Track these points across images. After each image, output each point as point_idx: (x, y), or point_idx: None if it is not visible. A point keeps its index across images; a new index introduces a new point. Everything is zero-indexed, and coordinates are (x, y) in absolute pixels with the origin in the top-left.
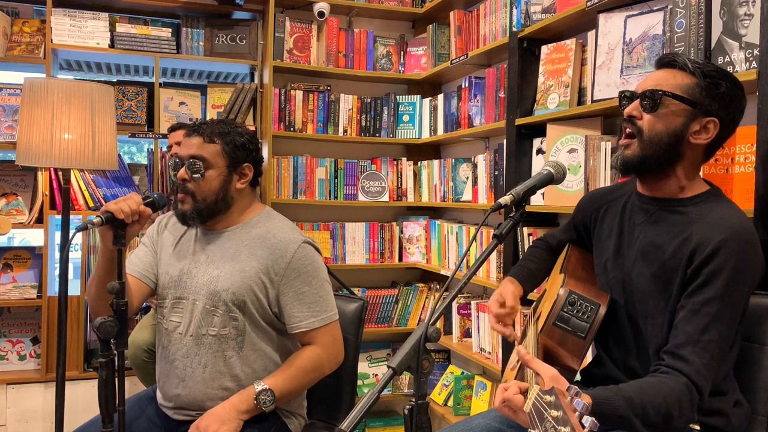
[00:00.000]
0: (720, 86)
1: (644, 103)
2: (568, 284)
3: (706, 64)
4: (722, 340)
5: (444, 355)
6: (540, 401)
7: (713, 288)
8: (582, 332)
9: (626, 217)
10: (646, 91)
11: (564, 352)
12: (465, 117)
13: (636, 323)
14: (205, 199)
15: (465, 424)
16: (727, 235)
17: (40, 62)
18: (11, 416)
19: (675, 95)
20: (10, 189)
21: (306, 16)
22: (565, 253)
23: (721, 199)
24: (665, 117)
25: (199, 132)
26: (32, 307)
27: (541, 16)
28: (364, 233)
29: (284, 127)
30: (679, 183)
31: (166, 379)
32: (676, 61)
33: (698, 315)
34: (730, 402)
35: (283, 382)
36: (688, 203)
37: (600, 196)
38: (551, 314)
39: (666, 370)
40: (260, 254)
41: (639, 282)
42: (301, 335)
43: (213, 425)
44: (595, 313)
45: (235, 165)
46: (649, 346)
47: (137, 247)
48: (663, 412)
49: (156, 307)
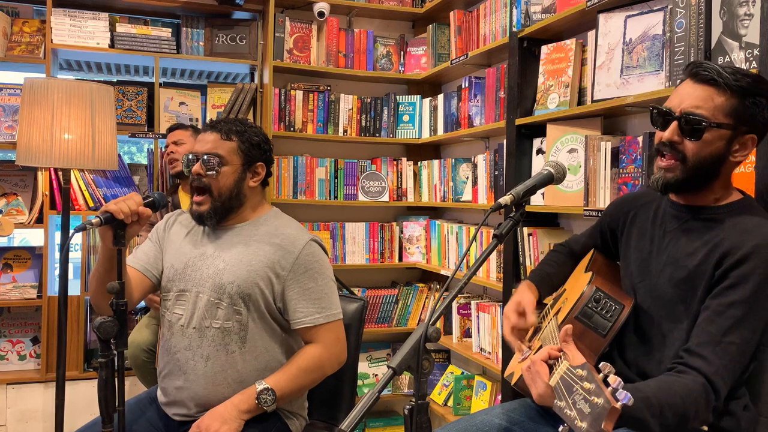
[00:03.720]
0: (761, 103)
1: (686, 128)
2: (595, 282)
3: (745, 80)
4: (744, 344)
5: (444, 355)
6: (571, 374)
7: (740, 291)
8: (603, 330)
9: (657, 223)
10: (686, 114)
11: (582, 347)
12: (465, 117)
13: (660, 328)
14: (220, 195)
15: (468, 421)
16: (760, 241)
17: (40, 62)
18: (11, 416)
19: (721, 124)
20: (10, 189)
21: (306, 16)
22: (591, 256)
23: (753, 208)
24: (709, 143)
25: (216, 129)
26: (32, 307)
27: (541, 16)
28: (364, 233)
29: (284, 127)
30: (715, 195)
31: (168, 373)
32: (716, 79)
33: (722, 316)
34: (741, 405)
35: (284, 382)
36: (721, 211)
37: (630, 201)
38: (575, 308)
39: (683, 369)
40: (267, 249)
41: (666, 288)
42: (305, 332)
43: (214, 424)
44: (618, 313)
45: (249, 163)
46: (670, 351)
47: (143, 242)
48: (680, 413)
49: (161, 301)
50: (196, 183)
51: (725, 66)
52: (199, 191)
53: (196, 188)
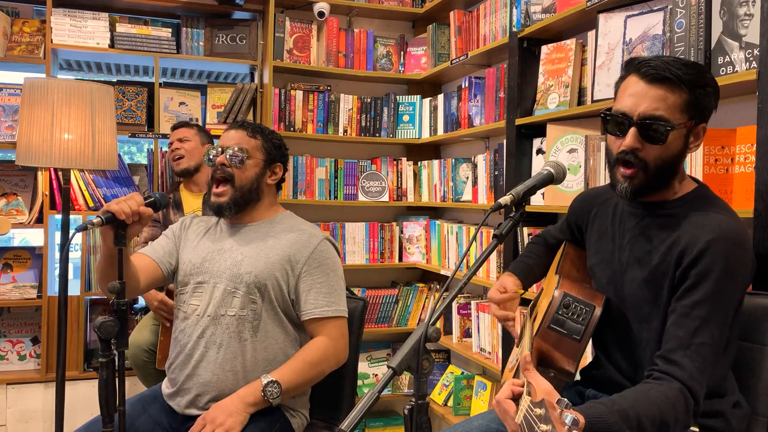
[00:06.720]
0: (708, 92)
1: (647, 133)
2: (562, 286)
3: (688, 69)
4: (714, 343)
5: (444, 355)
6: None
7: (702, 290)
8: (577, 335)
9: (616, 222)
10: (646, 119)
11: (560, 356)
12: (465, 117)
13: (631, 328)
14: (242, 186)
15: (465, 425)
16: (713, 236)
17: (40, 62)
18: (11, 416)
19: (680, 124)
20: (10, 189)
21: (306, 16)
22: (561, 252)
23: (708, 198)
24: (670, 145)
25: (243, 127)
26: (32, 307)
27: (541, 16)
28: (364, 233)
29: (284, 127)
30: (674, 189)
31: (178, 363)
32: (669, 77)
33: (688, 318)
34: (729, 403)
35: (290, 375)
36: (675, 205)
37: (591, 199)
38: (546, 317)
39: (659, 375)
40: (284, 244)
41: (631, 288)
42: (312, 324)
43: (220, 417)
44: (590, 315)
45: (270, 161)
46: (645, 351)
47: (159, 237)
48: (658, 422)
49: (176, 295)
50: (219, 173)
51: (668, 59)
52: (221, 182)
53: (219, 179)
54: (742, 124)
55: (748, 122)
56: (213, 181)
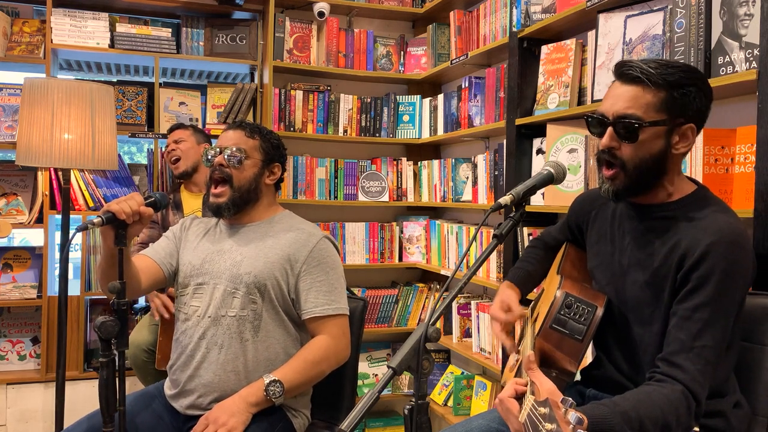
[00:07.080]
0: (690, 92)
1: (621, 131)
2: (564, 286)
3: (668, 70)
4: (716, 345)
5: (444, 355)
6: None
7: (704, 293)
8: (579, 335)
9: (616, 224)
10: (618, 118)
11: (561, 355)
12: (465, 117)
13: (631, 330)
14: (241, 186)
15: (465, 425)
16: (714, 238)
17: (40, 62)
18: (11, 416)
19: (652, 122)
20: (10, 189)
21: (306, 16)
22: (563, 253)
23: (708, 200)
24: (646, 143)
25: (241, 127)
26: (32, 307)
27: (541, 16)
28: (364, 233)
29: (284, 127)
30: (667, 191)
31: (180, 364)
32: (640, 77)
33: (690, 321)
34: (730, 403)
35: (291, 374)
36: (674, 207)
37: (591, 200)
38: (548, 317)
39: (661, 377)
40: (283, 243)
41: (632, 290)
42: (313, 323)
43: (222, 417)
44: (592, 315)
45: (268, 161)
46: (646, 352)
47: (159, 239)
48: (661, 424)
49: (176, 298)
50: (217, 174)
51: (649, 61)
52: (219, 182)
53: (217, 179)
54: (742, 124)
55: (748, 122)
56: (211, 182)
